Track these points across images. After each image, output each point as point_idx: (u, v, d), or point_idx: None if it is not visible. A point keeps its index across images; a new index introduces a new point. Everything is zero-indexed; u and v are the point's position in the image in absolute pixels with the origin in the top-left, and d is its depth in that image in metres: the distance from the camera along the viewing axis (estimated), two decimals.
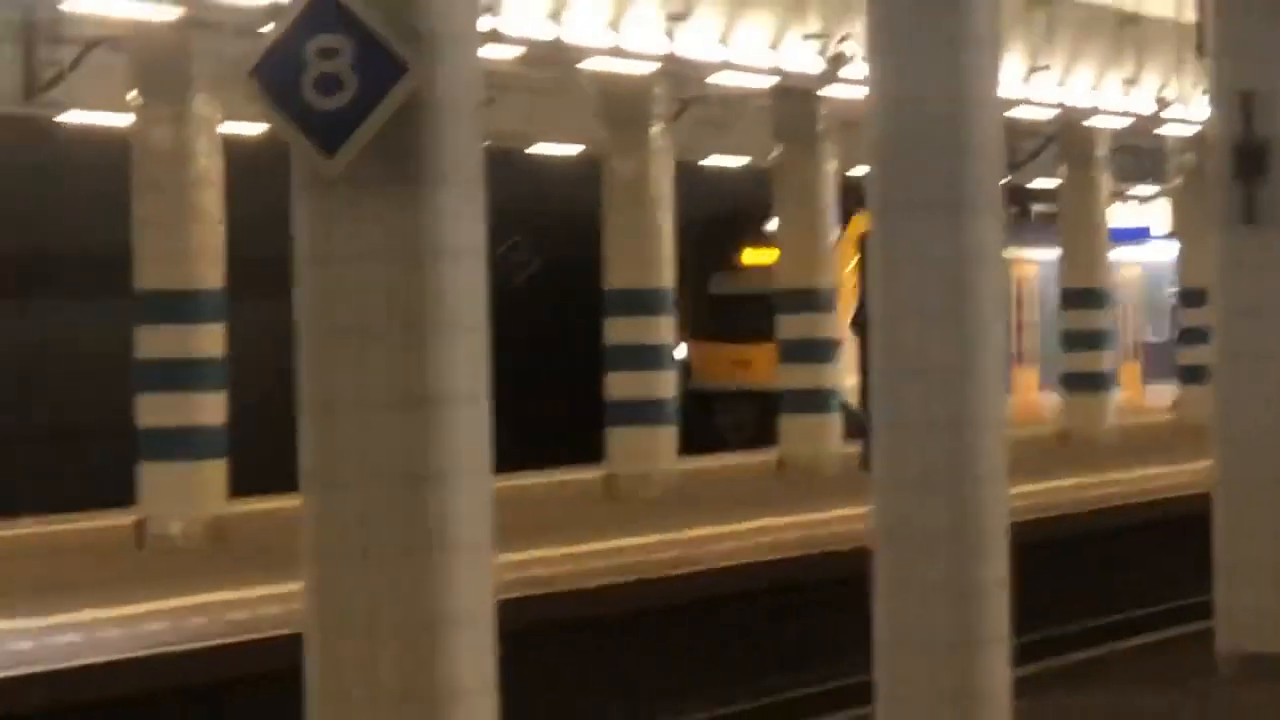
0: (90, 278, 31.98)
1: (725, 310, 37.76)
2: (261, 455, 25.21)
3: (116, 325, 25.89)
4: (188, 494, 23.02)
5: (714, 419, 40.83)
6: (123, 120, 25.40)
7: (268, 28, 14.81)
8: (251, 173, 24.63)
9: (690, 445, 32.58)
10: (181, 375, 23.32)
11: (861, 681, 15.05)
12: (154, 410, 23.25)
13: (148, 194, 23.03)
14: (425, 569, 9.28)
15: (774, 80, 30.10)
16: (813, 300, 32.89)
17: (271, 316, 24.70)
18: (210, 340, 23.35)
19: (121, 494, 24.00)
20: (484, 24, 24.58)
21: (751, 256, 32.61)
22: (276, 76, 9.78)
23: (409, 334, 9.82)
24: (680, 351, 39.81)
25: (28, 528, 25.58)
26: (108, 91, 25.73)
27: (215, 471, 23.27)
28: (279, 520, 23.02)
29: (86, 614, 18.30)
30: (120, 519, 24.36)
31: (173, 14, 22.18)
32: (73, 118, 28.95)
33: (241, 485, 25.07)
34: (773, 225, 32.59)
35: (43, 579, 20.59)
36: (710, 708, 20.42)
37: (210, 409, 23.52)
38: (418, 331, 9.79)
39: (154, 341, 23.33)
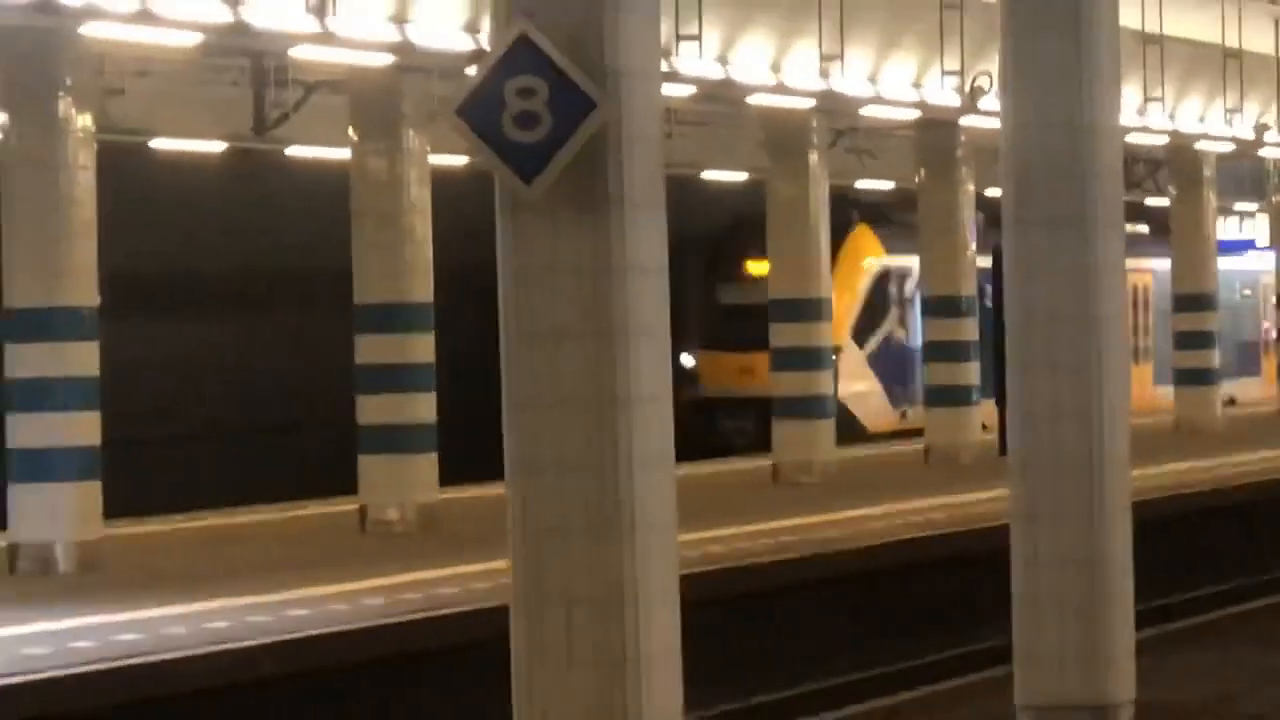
0: (315, 292, 32.17)
1: (732, 319, 37.13)
2: (466, 448, 25.23)
3: (338, 334, 26.18)
4: (402, 483, 23.23)
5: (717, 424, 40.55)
6: (341, 154, 25.46)
7: (471, 70, 14.78)
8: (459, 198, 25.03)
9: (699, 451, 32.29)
10: (396, 378, 23.61)
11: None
12: (372, 409, 23.44)
13: (365, 219, 23.24)
14: (615, 547, 9.34)
15: (917, 113, 30.07)
16: (956, 306, 32.93)
17: (473, 323, 24.82)
18: (421, 347, 23.62)
19: (348, 483, 24.16)
20: (664, 65, 24.72)
21: (756, 268, 31.32)
22: (480, 114, 9.60)
23: (599, 340, 9.75)
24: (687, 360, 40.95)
25: (264, 514, 25.70)
26: (328, 128, 25.97)
27: (427, 463, 23.44)
28: (483, 506, 23.26)
29: (316, 590, 18.36)
30: (344, 506, 24.47)
31: (386, 60, 22.32)
32: (297, 151, 29.27)
33: (451, 475, 25.20)
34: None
35: (277, 560, 20.64)
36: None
37: (422, 408, 23.77)
38: (607, 338, 9.75)
39: (372, 348, 23.49)
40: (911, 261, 35.43)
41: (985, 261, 32.38)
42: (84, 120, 19.39)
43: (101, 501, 20.07)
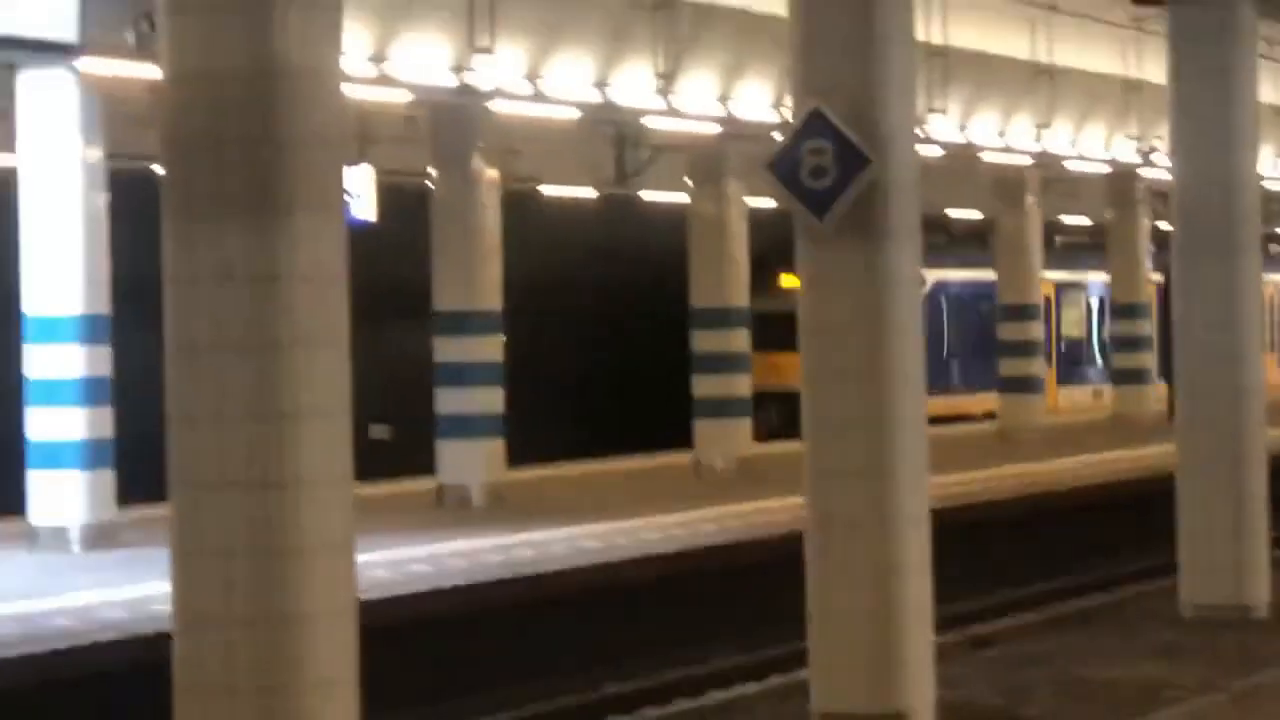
0: (657, 301, 32.81)
1: (763, 325, 35.88)
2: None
3: (677, 331, 26.99)
4: (727, 440, 23.39)
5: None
6: (680, 198, 25.86)
7: (776, 135, 15.12)
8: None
9: None
10: (727, 363, 23.91)
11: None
12: (709, 385, 23.62)
13: (700, 246, 23.57)
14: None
15: (1107, 168, 30.10)
16: (1135, 311, 33.07)
17: None
18: (739, 340, 24.02)
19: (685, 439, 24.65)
20: (917, 132, 25.21)
21: (787, 281, 29.98)
22: (784, 168, 10.33)
23: (871, 332, 10.33)
24: None
25: (618, 463, 25.65)
26: (671, 179, 26.53)
27: (743, 425, 23.62)
28: (790, 457, 23.10)
29: (664, 518, 18.56)
30: (680, 458, 24.59)
31: (714, 129, 22.64)
32: (648, 195, 29.88)
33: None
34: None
35: (633, 496, 20.62)
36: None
37: (739, 385, 23.87)
38: (876, 333, 10.30)
39: (706, 340, 23.69)
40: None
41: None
42: (491, 172, 19.81)
43: (505, 452, 20.48)
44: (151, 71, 15.28)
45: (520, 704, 14.09)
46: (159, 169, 19.36)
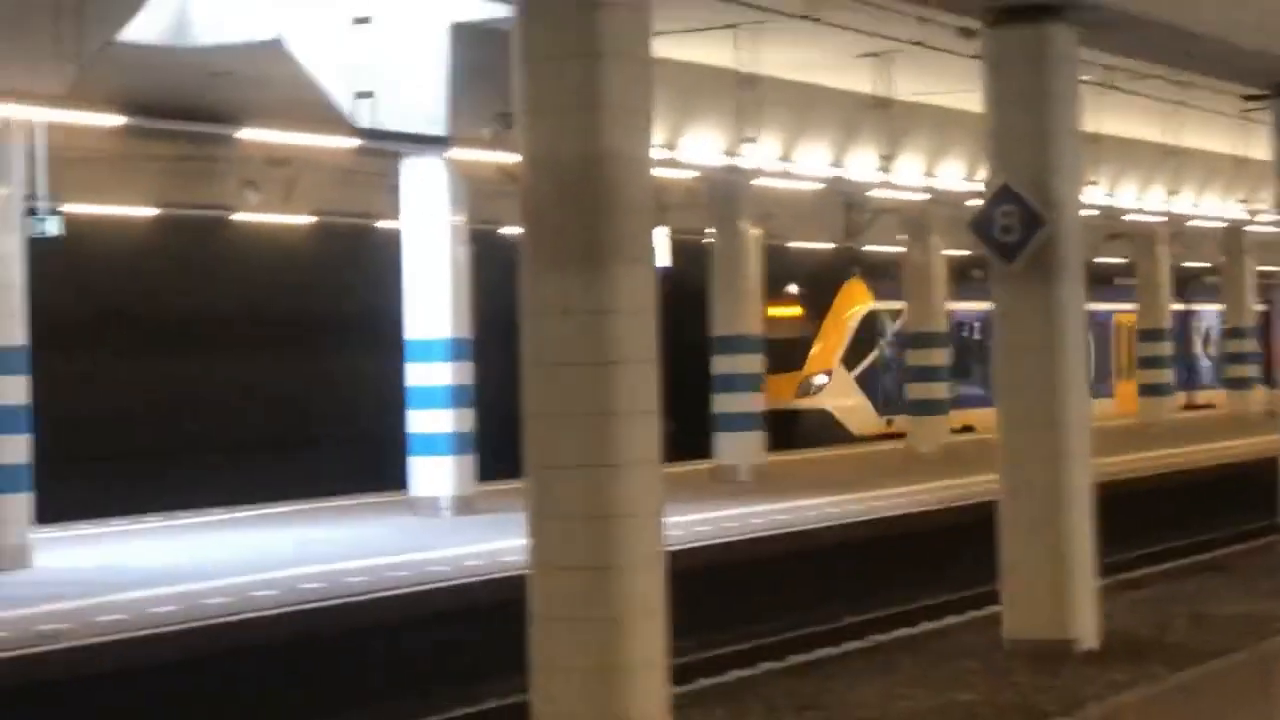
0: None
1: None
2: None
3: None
4: (936, 427, 22.98)
5: None
6: (897, 250, 25.49)
7: (974, 203, 14.94)
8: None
9: None
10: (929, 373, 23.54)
11: None
12: (919, 391, 23.71)
13: (911, 281, 23.45)
14: None
15: (1222, 223, 29.40)
16: (1243, 332, 32.12)
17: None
18: (940, 356, 23.54)
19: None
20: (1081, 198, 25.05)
21: (774, 310, 25.08)
22: (982, 225, 10.20)
23: (1043, 355, 10.16)
24: None
25: (851, 449, 25.07)
26: (889, 235, 26.54)
27: (943, 420, 23.37)
28: (979, 444, 21.60)
29: (883, 491, 18.04)
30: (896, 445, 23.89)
31: (923, 196, 22.34)
32: (869, 248, 29.55)
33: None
34: (791, 289, 27.65)
35: (861, 475, 20.03)
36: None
37: (938, 390, 23.45)
38: (1049, 354, 10.12)
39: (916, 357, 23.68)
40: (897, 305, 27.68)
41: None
42: (755, 231, 19.79)
43: (765, 441, 20.16)
44: (502, 158, 15.50)
45: (779, 631, 13.75)
46: (506, 230, 19.70)
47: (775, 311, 25.76)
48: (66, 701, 9.85)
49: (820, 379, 27.81)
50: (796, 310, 27.99)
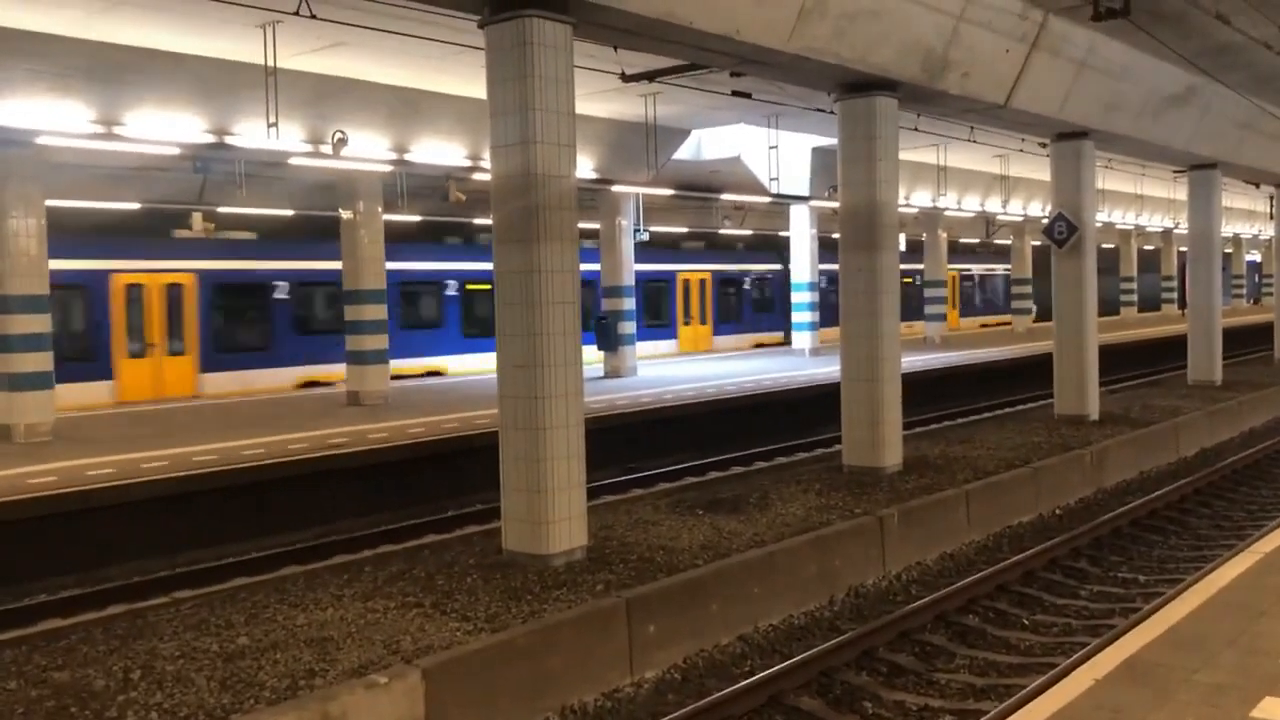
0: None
1: None
2: None
3: None
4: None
5: None
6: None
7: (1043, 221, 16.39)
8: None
9: None
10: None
11: None
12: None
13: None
14: None
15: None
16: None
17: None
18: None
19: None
20: (1101, 215, 25.61)
21: None
22: (1050, 229, 13.32)
23: (1078, 294, 13.02)
24: None
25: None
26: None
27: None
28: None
29: None
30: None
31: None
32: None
33: None
34: None
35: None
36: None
37: None
38: (1079, 294, 12.95)
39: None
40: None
41: None
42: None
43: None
44: (830, 204, 19.27)
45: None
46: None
47: None
48: (682, 419, 13.96)
49: None
50: None
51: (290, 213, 17.06)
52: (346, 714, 4.97)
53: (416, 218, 18.54)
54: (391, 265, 16.53)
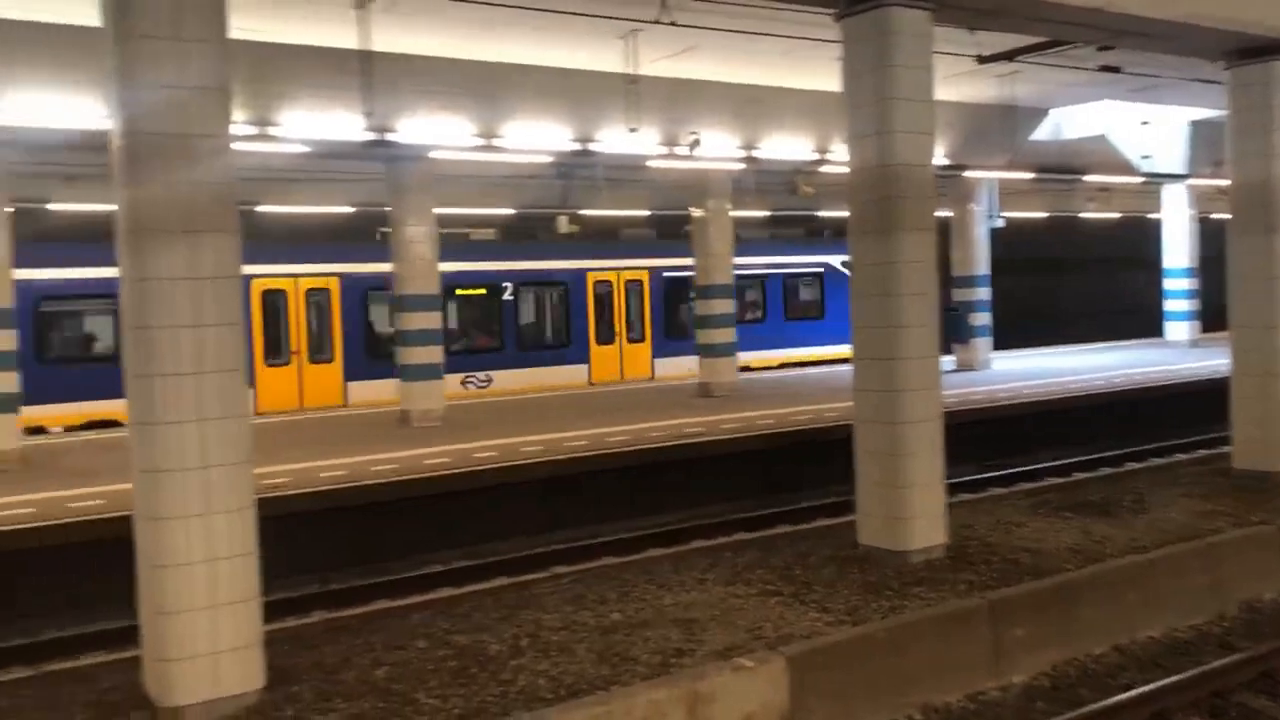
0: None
1: None
2: None
3: None
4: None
5: None
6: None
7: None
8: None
9: None
10: None
11: None
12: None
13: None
14: None
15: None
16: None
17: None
18: None
19: None
20: None
21: None
22: None
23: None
24: None
25: None
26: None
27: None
28: None
29: None
30: None
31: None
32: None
33: None
34: None
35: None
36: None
37: None
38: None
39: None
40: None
41: None
42: None
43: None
44: (1216, 182, 19.11)
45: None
46: (1215, 216, 21.30)
47: None
48: (1066, 412, 13.73)
49: None
50: None
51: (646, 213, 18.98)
52: (715, 694, 5.12)
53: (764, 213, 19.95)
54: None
